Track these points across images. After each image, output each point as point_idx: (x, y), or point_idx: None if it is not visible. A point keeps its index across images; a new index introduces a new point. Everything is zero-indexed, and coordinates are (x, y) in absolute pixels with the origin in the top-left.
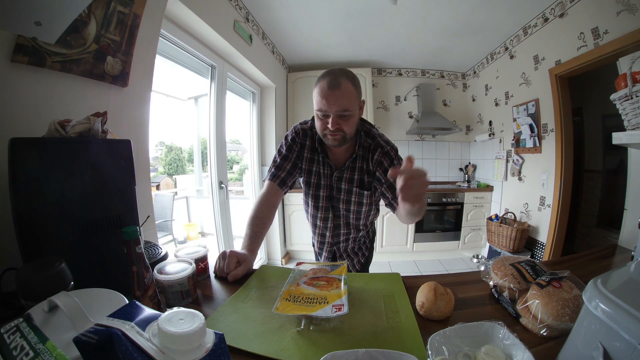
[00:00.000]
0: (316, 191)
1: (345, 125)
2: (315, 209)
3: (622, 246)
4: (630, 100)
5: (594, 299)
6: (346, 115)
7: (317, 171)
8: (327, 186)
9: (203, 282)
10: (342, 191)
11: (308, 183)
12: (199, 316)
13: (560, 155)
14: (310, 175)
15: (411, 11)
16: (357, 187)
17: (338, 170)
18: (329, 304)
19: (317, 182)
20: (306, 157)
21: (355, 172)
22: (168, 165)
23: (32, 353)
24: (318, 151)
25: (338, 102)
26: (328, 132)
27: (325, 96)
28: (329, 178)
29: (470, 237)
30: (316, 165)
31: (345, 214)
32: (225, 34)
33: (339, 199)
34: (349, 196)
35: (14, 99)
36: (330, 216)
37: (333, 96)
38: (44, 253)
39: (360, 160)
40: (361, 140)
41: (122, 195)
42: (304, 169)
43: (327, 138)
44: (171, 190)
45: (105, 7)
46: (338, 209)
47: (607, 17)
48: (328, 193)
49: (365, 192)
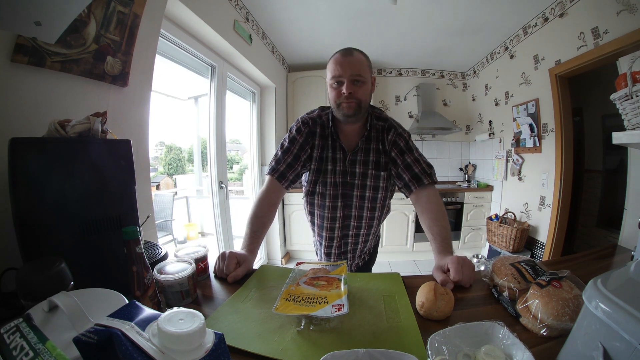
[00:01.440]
0: (329, 178)
1: (359, 92)
2: (323, 197)
3: (622, 246)
4: (630, 100)
5: (594, 299)
6: (359, 80)
7: (329, 157)
8: (340, 172)
9: (203, 282)
10: (356, 175)
11: (319, 171)
12: (199, 316)
13: (560, 155)
14: (322, 163)
15: (411, 11)
16: (372, 169)
17: (351, 153)
18: (329, 303)
19: (331, 168)
20: (317, 144)
21: (370, 153)
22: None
23: (32, 353)
24: (329, 135)
25: (351, 66)
26: (343, 99)
27: (339, 63)
28: (342, 162)
29: (470, 236)
30: (327, 151)
31: (358, 203)
32: (225, 33)
33: (353, 184)
34: (364, 180)
35: (14, 99)
36: (340, 205)
37: (346, 62)
38: (44, 253)
39: (374, 142)
40: (372, 121)
41: (122, 195)
42: (314, 157)
43: (342, 107)
44: (171, 190)
45: (105, 7)
46: (351, 196)
47: (607, 17)
48: (341, 179)
49: (382, 173)
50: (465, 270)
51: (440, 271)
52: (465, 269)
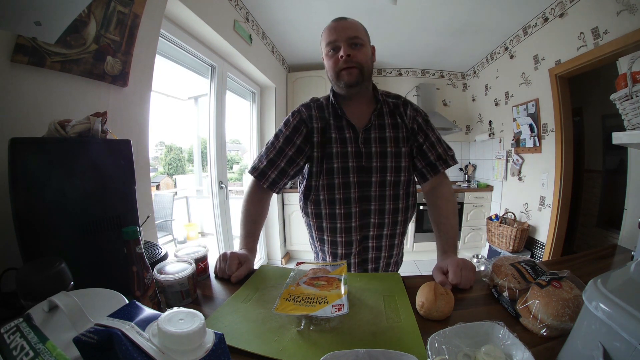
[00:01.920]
0: (336, 163)
1: (358, 55)
2: (331, 189)
3: (622, 246)
4: (630, 100)
5: (594, 299)
6: (357, 43)
7: (336, 138)
8: (353, 154)
9: (203, 282)
10: (373, 156)
11: (330, 155)
12: (199, 316)
13: (560, 155)
14: (330, 146)
15: (411, 11)
16: (392, 146)
17: (363, 130)
18: (329, 304)
19: (338, 150)
20: (316, 128)
21: (386, 129)
22: (168, 165)
23: (32, 353)
24: (331, 114)
25: (346, 29)
26: (342, 65)
27: (333, 28)
28: (354, 142)
29: (470, 237)
30: (331, 131)
31: (378, 192)
32: (225, 33)
33: (370, 169)
34: (384, 161)
35: (14, 99)
36: (354, 196)
37: (340, 26)
38: (44, 253)
39: (388, 117)
40: (379, 96)
41: (122, 195)
42: (316, 143)
43: (342, 76)
44: (171, 190)
45: (105, 7)
46: (369, 184)
47: (607, 17)
48: (355, 163)
49: (403, 149)
50: (465, 274)
51: (440, 272)
52: (464, 272)
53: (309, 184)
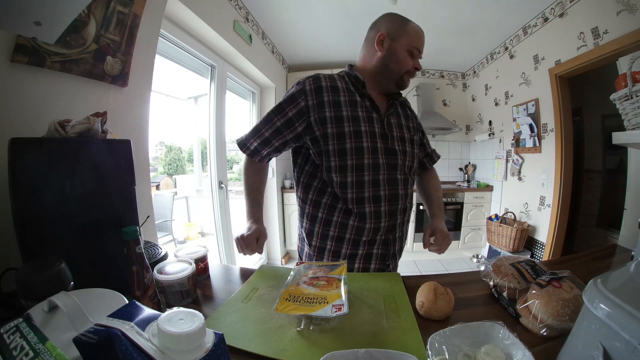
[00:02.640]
0: (365, 142)
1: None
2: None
3: (622, 246)
4: (630, 100)
5: (594, 299)
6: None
7: (365, 117)
8: (381, 135)
9: (203, 282)
10: (396, 140)
11: (358, 133)
12: (199, 316)
13: (560, 155)
14: (359, 122)
15: (411, 11)
16: (409, 133)
17: (386, 116)
18: (329, 303)
19: (370, 130)
20: (344, 101)
21: (401, 117)
22: (168, 165)
23: (32, 353)
24: (359, 91)
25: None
26: (412, 72)
27: (422, 37)
28: (380, 124)
29: (470, 236)
30: (361, 110)
31: (404, 176)
32: (225, 33)
33: (395, 150)
34: (404, 145)
35: (14, 99)
36: (384, 178)
37: (424, 38)
38: (44, 253)
39: (400, 108)
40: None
41: (122, 195)
42: (346, 117)
43: (405, 80)
44: (171, 190)
45: (105, 7)
46: (395, 167)
47: (607, 17)
48: (383, 144)
49: (415, 137)
50: (444, 245)
51: (428, 235)
52: (445, 243)
53: (329, 164)
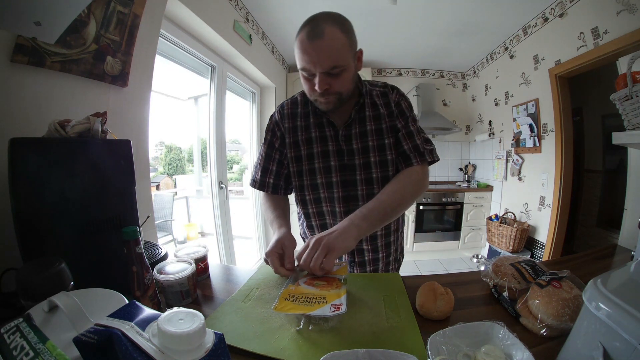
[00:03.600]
0: (317, 164)
1: (337, 84)
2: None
3: (622, 246)
4: (630, 100)
5: (594, 299)
6: (335, 72)
7: (318, 137)
8: (335, 152)
9: (203, 282)
10: (355, 153)
11: (311, 155)
12: (199, 316)
13: (560, 155)
14: (311, 144)
15: (411, 11)
16: (373, 140)
17: (343, 128)
18: (328, 303)
19: (319, 150)
20: (300, 125)
21: (367, 122)
22: (168, 165)
23: (32, 353)
24: (314, 110)
25: (322, 56)
26: (317, 96)
27: (306, 51)
28: (334, 140)
29: (470, 237)
30: (314, 130)
31: (365, 190)
32: (225, 34)
33: (353, 165)
34: (366, 157)
35: (13, 99)
36: (339, 196)
37: (315, 50)
38: (44, 253)
39: (370, 109)
40: (366, 88)
41: (122, 195)
42: (301, 140)
43: (319, 102)
44: (171, 190)
45: (105, 7)
46: (354, 183)
47: (607, 17)
48: (337, 162)
49: (386, 140)
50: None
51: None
52: (318, 255)
53: (294, 183)
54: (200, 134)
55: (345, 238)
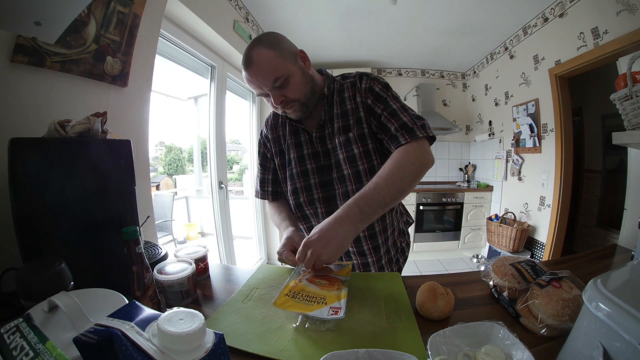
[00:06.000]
0: (295, 168)
1: (290, 92)
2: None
3: (622, 246)
4: (630, 100)
5: (594, 299)
6: (281, 84)
7: (293, 143)
8: (310, 155)
9: (203, 282)
10: (331, 153)
11: (289, 162)
12: (199, 316)
13: (560, 155)
14: (289, 151)
15: (411, 11)
16: (340, 135)
17: (316, 130)
18: (327, 305)
19: (298, 154)
20: (281, 135)
21: (335, 120)
22: (168, 165)
23: (32, 353)
24: (290, 120)
25: (260, 77)
26: (281, 109)
27: (248, 79)
28: (309, 144)
29: (470, 237)
30: (290, 137)
31: (341, 190)
32: (225, 34)
33: (330, 165)
34: (336, 155)
35: (13, 99)
36: (318, 197)
37: (253, 75)
38: (44, 253)
39: (337, 106)
40: (333, 85)
41: (122, 195)
42: (282, 149)
43: (288, 114)
44: (171, 190)
45: (105, 7)
46: (330, 182)
47: (607, 17)
48: (314, 164)
49: (350, 134)
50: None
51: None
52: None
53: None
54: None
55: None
